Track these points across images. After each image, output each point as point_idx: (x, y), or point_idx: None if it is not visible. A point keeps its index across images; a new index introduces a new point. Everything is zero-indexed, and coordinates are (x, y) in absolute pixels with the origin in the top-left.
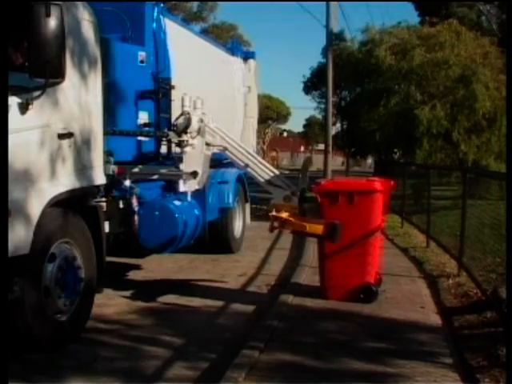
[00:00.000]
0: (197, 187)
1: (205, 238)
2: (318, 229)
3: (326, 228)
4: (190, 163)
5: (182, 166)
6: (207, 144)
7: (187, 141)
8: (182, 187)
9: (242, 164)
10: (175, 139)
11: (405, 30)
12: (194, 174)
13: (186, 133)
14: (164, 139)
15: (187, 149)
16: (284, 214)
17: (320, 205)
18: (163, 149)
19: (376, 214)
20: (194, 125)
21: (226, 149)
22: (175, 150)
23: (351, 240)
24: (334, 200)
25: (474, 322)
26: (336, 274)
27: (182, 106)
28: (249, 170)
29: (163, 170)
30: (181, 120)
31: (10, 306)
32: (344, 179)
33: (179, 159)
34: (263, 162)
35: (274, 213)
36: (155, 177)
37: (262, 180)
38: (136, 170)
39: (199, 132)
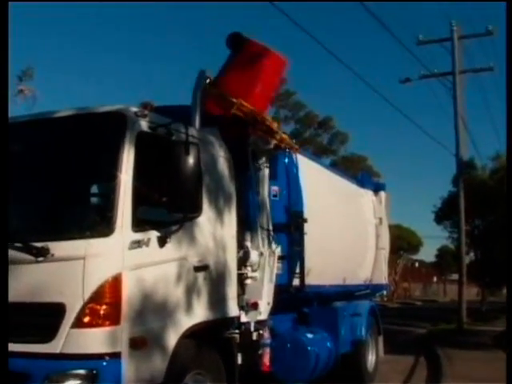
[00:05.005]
0: (259, 318)
1: (337, 371)
2: None
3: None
4: (251, 294)
5: (245, 297)
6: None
7: (247, 273)
8: (243, 318)
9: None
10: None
11: None
12: (255, 306)
13: (245, 266)
14: None
15: (248, 281)
16: None
17: None
18: None
19: None
20: (254, 258)
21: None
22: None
23: None
24: None
25: None
26: None
27: (243, 240)
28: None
29: None
30: (240, 254)
31: None
32: None
33: (242, 290)
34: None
35: None
36: None
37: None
38: None
39: (259, 265)
